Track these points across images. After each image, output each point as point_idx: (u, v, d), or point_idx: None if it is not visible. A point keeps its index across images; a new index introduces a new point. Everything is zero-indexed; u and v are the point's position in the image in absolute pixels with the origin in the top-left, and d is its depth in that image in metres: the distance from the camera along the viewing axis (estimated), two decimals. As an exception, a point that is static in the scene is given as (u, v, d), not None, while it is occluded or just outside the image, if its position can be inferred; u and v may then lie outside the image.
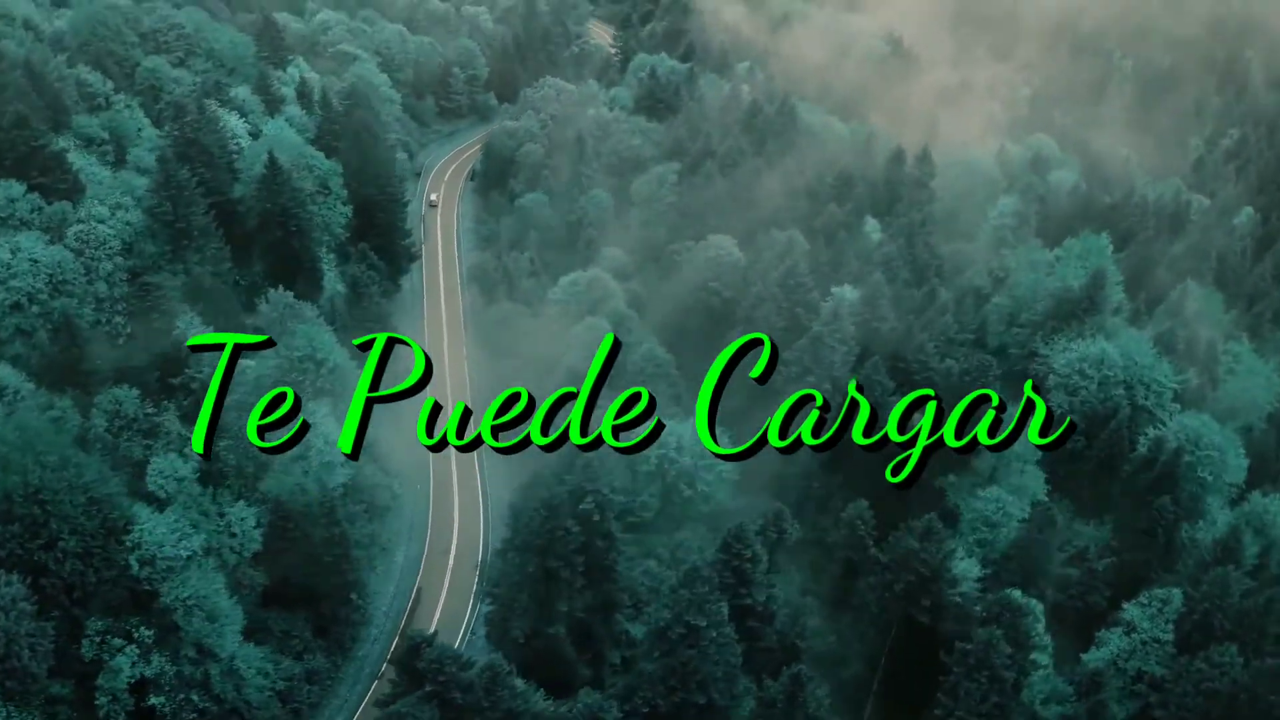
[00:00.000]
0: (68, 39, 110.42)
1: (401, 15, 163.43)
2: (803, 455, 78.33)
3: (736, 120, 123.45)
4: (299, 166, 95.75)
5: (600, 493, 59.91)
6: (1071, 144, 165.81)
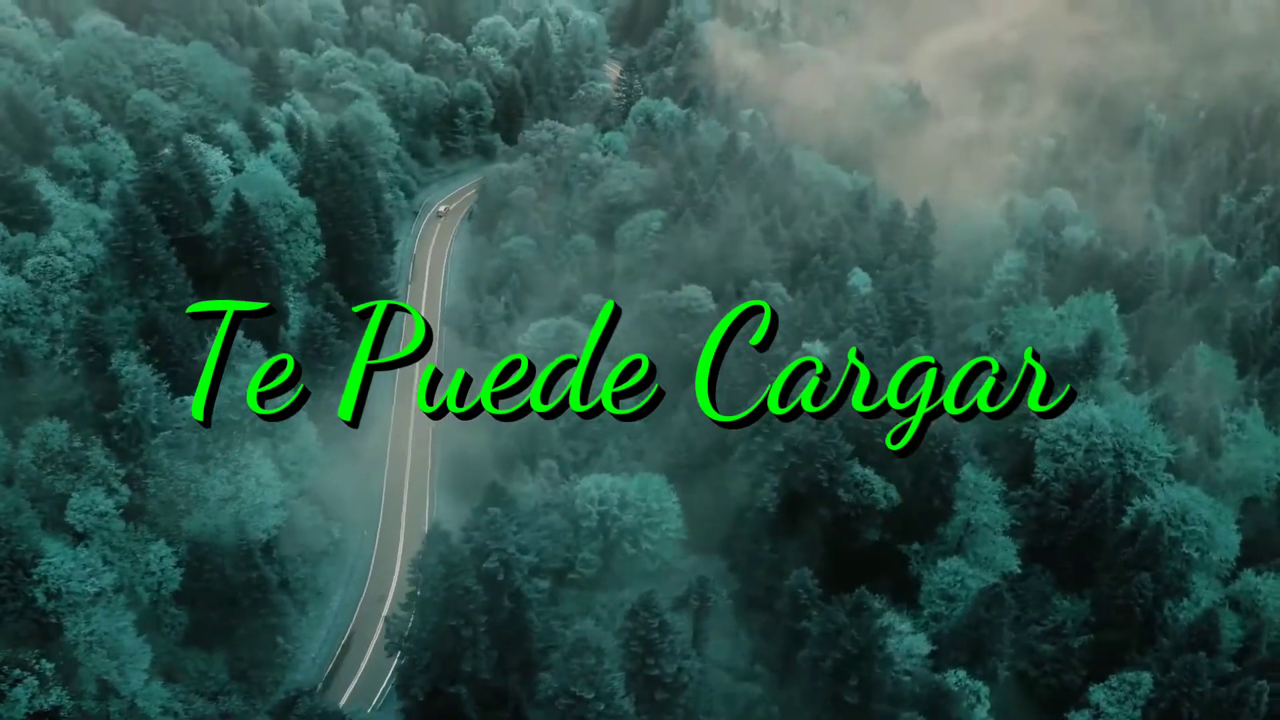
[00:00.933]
0: (63, 71, 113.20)
1: (413, 55, 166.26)
2: (753, 516, 76.54)
3: (732, 168, 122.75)
4: (270, 204, 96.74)
5: (505, 550, 58.61)
6: (1093, 199, 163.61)
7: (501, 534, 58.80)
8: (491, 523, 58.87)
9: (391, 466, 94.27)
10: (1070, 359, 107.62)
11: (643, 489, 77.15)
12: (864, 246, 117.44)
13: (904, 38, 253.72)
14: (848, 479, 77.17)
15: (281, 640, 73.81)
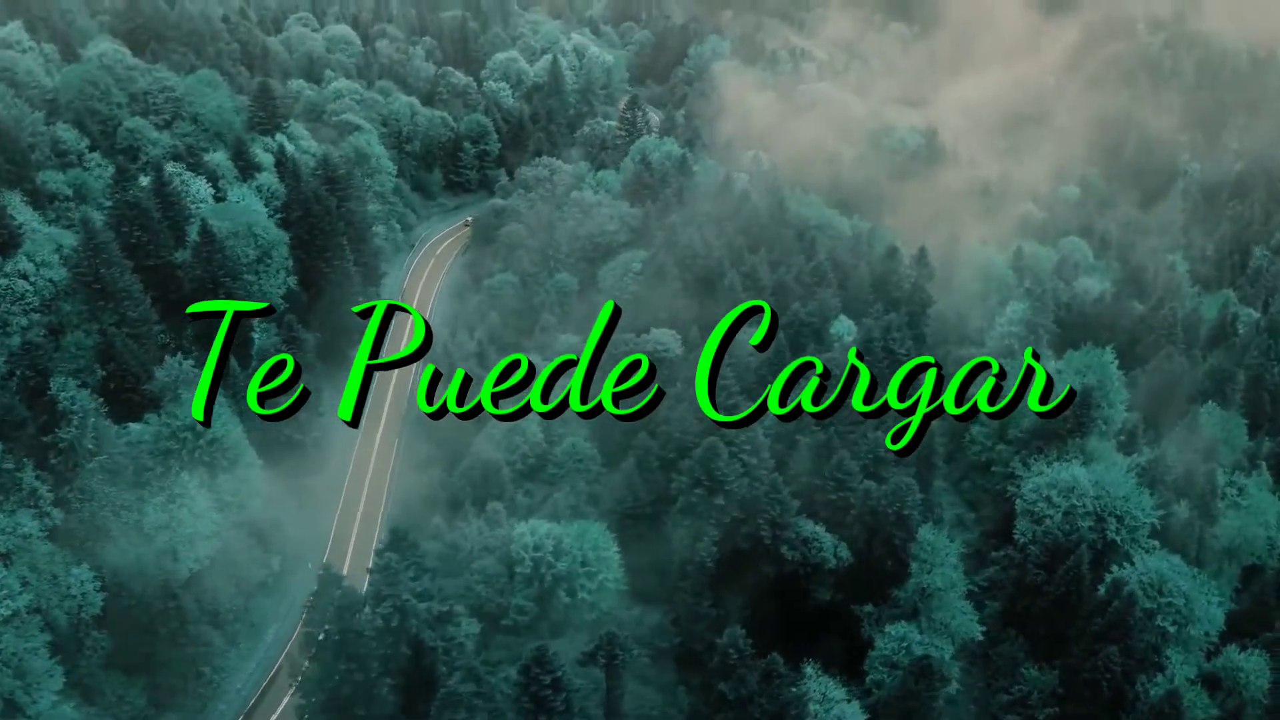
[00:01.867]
0: (60, 96, 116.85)
1: (424, 88, 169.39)
2: (692, 570, 75.56)
3: (723, 209, 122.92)
4: (241, 235, 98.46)
5: (399, 596, 58.27)
6: (1113, 249, 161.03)
7: (396, 580, 58.51)
8: (386, 567, 58.62)
9: (346, 503, 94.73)
10: (1061, 415, 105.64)
11: (580, 537, 76.73)
12: (854, 293, 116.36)
13: (937, 82, 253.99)
14: (793, 536, 75.85)
15: (207, 670, 74.16)
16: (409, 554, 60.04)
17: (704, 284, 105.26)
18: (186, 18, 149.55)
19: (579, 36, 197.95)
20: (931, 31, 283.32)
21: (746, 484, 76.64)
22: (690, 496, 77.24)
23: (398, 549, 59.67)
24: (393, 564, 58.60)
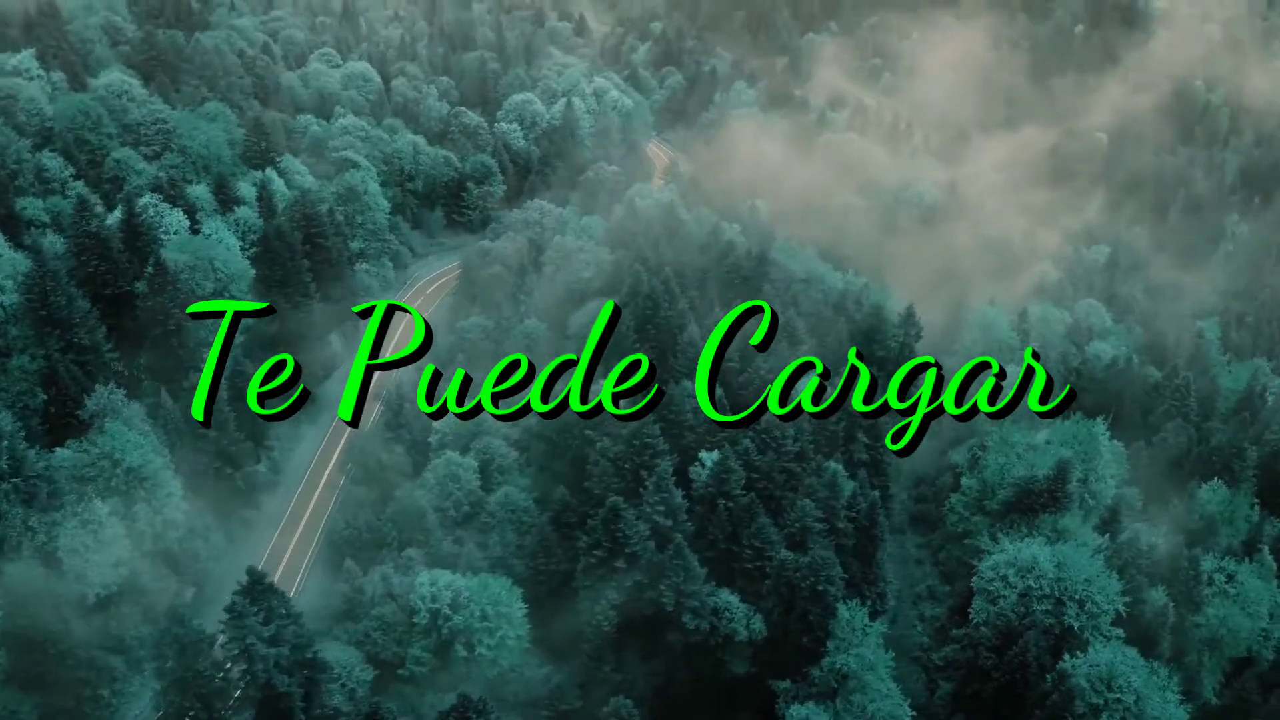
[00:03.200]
0: (55, 125, 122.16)
1: (435, 127, 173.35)
2: (592, 633, 74.95)
3: (707, 260, 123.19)
4: (201, 268, 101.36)
5: (244, 640, 58.85)
6: (1138, 312, 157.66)
7: (242, 624, 59.11)
8: (236, 611, 59.30)
9: (278, 540, 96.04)
10: (1037, 489, 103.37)
11: (482, 590, 76.73)
12: (831, 349, 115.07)
13: (985, 134, 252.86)
14: (698, 605, 74.69)
15: (106, 693, 75.38)
16: (265, 598, 60.57)
17: (664, 335, 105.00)
18: (200, 51, 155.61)
19: (602, 80, 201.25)
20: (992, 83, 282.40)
21: (651, 547, 75.77)
22: (590, 558, 76.70)
23: (251, 593, 60.28)
24: (241, 608, 59.21)
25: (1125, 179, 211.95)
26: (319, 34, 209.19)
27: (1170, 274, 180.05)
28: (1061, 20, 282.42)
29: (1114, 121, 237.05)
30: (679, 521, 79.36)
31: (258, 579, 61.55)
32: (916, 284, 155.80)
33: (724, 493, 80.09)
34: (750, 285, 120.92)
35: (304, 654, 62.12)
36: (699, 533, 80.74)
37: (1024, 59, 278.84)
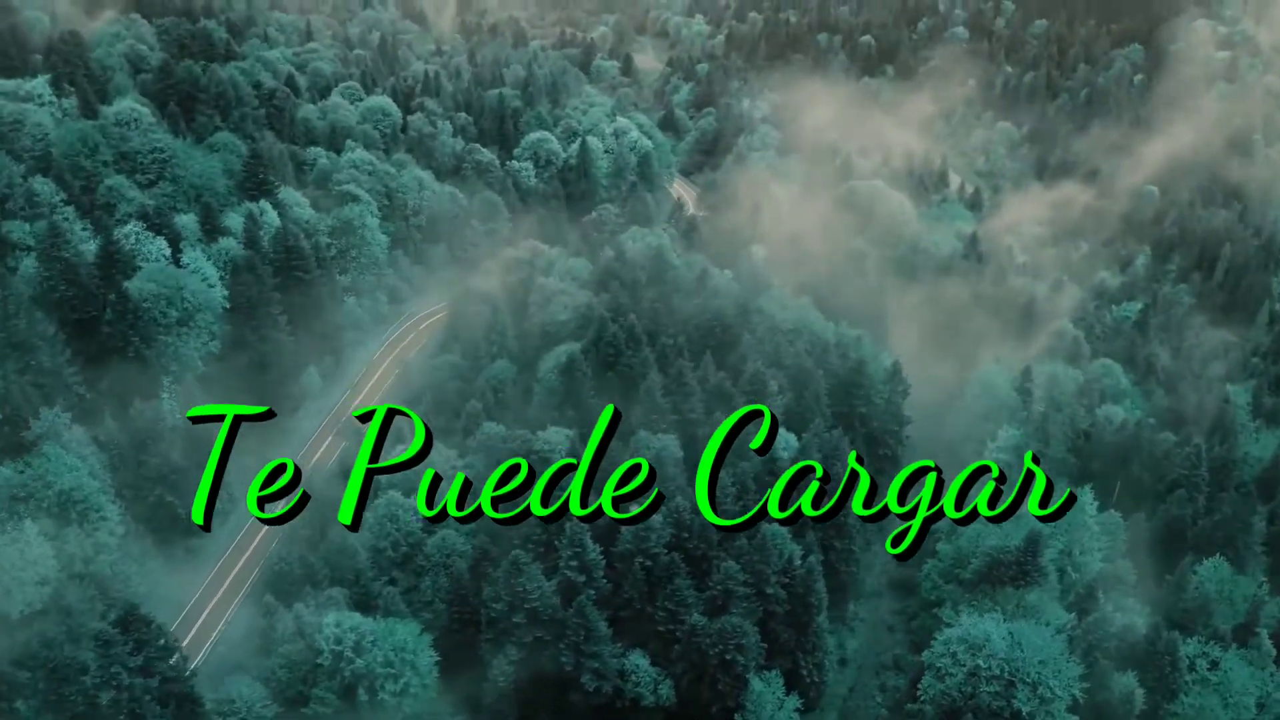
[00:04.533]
0: (54, 150, 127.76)
1: (449, 163, 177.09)
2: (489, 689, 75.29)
3: (691, 307, 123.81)
4: (170, 297, 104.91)
5: (109, 669, 60.30)
6: (1160, 374, 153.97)
7: (109, 653, 60.68)
8: (98, 636, 60.95)
9: (223, 565, 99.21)
10: (1007, 559, 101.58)
11: (388, 635, 77.56)
12: (808, 405, 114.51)
13: (1025, 184, 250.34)
14: (599, 666, 74.48)
15: (21, 707, 77.31)
16: (137, 629, 62.14)
17: (625, 383, 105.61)
18: (215, 81, 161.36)
19: (624, 120, 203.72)
20: (1042, 132, 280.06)
21: (555, 604, 75.84)
22: (492, 610, 77.04)
23: (123, 624, 61.93)
24: (109, 637, 60.84)
25: (1171, 234, 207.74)
26: (349, 67, 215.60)
27: (1208, 334, 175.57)
28: (1122, 70, 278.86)
29: (1165, 174, 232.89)
30: (593, 578, 79.31)
31: (131, 610, 63.13)
32: (923, 338, 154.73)
33: (643, 550, 79.91)
34: (731, 334, 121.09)
35: (181, 686, 63.38)
36: (615, 591, 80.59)
37: (1080, 108, 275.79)
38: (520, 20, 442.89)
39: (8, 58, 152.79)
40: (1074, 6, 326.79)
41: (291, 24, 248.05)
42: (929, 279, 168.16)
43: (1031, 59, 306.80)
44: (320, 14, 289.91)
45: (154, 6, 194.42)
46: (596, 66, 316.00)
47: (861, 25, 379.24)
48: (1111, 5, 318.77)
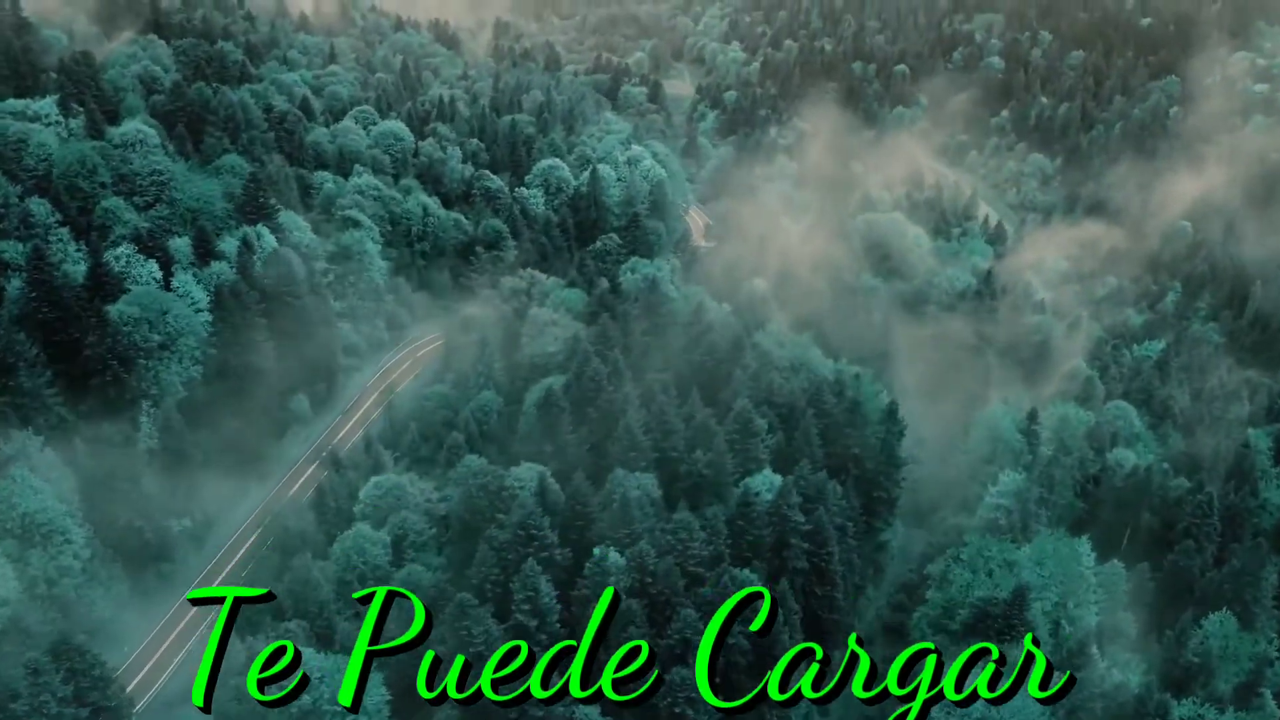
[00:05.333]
0: (53, 171, 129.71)
1: (457, 189, 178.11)
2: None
3: (687, 341, 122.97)
4: (150, 321, 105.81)
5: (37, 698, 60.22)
6: (1178, 417, 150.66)
7: (38, 681, 60.62)
8: (27, 664, 60.95)
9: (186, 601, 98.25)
10: (994, 612, 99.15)
11: (336, 671, 76.88)
12: (799, 448, 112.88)
13: (1055, 217, 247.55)
14: (542, 714, 73.25)
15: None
16: (70, 658, 62.07)
17: (606, 419, 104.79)
18: (225, 104, 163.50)
19: (639, 148, 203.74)
20: (1075, 164, 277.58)
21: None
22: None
23: (53, 651, 61.90)
24: (38, 665, 60.82)
25: (1202, 270, 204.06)
26: (368, 90, 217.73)
27: (1234, 375, 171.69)
28: (1158, 103, 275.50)
29: (1199, 209, 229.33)
30: (545, 623, 78.19)
31: (64, 638, 63.12)
32: (932, 376, 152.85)
33: (599, 596, 78.73)
34: (723, 370, 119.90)
35: (113, 718, 63.19)
36: (570, 636, 79.46)
37: (1114, 140, 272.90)
38: (557, 45, 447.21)
39: (20, 76, 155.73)
40: (1111, 38, 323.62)
41: (316, 46, 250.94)
42: (941, 315, 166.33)
43: (1066, 90, 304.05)
44: (349, 37, 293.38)
45: (173, 28, 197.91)
46: (625, 93, 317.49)
47: (896, 55, 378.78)
48: (1149, 36, 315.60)
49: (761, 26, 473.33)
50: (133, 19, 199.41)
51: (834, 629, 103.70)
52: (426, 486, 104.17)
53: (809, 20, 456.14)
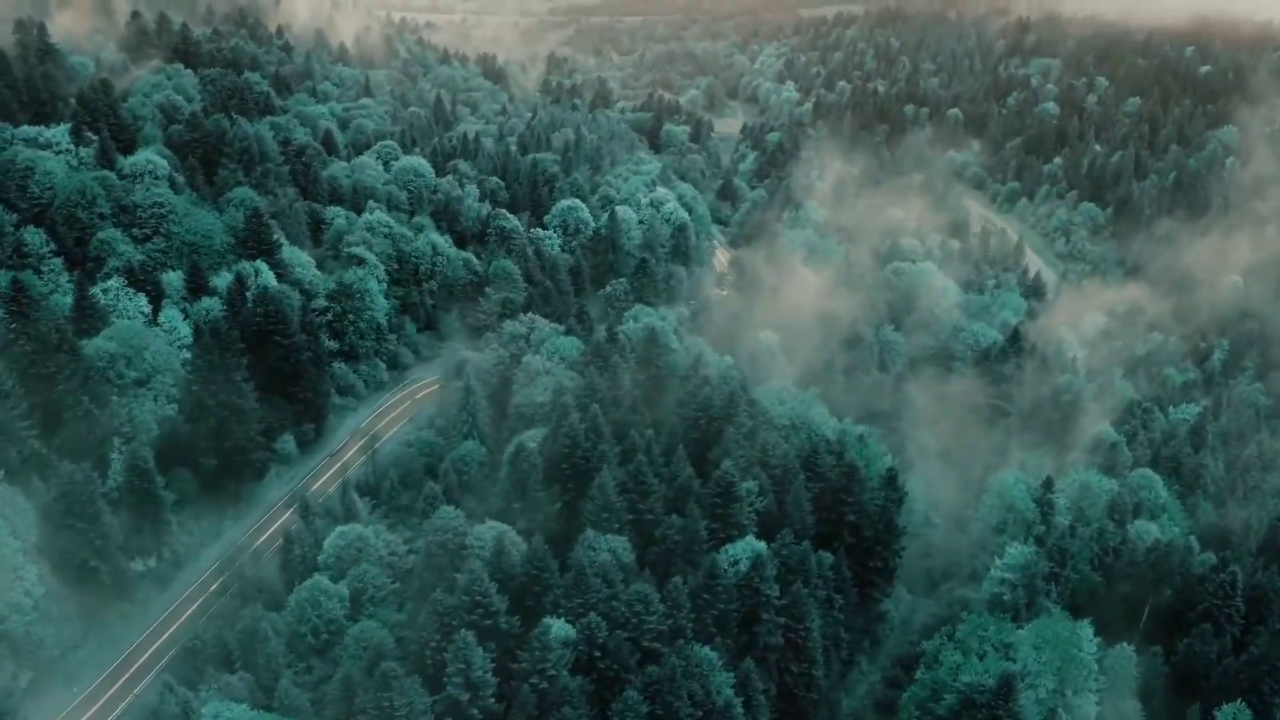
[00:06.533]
0: (54, 201, 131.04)
1: (473, 227, 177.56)
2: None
3: (682, 396, 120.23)
4: (126, 357, 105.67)
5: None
6: (1208, 487, 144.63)
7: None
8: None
9: (150, 635, 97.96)
10: (981, 700, 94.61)
11: (264, 733, 74.85)
12: (792, 514, 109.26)
13: (1102, 270, 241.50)
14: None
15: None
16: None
17: (581, 477, 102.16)
18: (240, 136, 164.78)
19: (664, 190, 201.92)
20: (1127, 214, 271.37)
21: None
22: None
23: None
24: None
25: (1251, 329, 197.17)
26: (398, 124, 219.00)
27: (1276, 443, 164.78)
28: (1214, 153, 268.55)
29: (1253, 264, 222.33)
30: (478, 697, 75.24)
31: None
32: (950, 436, 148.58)
33: (539, 670, 75.72)
34: (715, 427, 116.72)
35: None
36: (506, 713, 76.44)
37: (1168, 190, 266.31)
38: (610, 81, 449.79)
39: (38, 103, 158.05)
40: (1168, 85, 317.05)
41: (351, 79, 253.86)
42: (965, 372, 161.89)
43: (1121, 138, 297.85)
44: (391, 69, 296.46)
45: (202, 57, 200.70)
46: (667, 131, 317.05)
47: (950, 98, 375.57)
48: (1207, 85, 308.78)
49: (816, 67, 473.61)
50: (161, 47, 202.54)
51: (811, 708, 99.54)
52: (394, 538, 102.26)
53: (863, 62, 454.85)
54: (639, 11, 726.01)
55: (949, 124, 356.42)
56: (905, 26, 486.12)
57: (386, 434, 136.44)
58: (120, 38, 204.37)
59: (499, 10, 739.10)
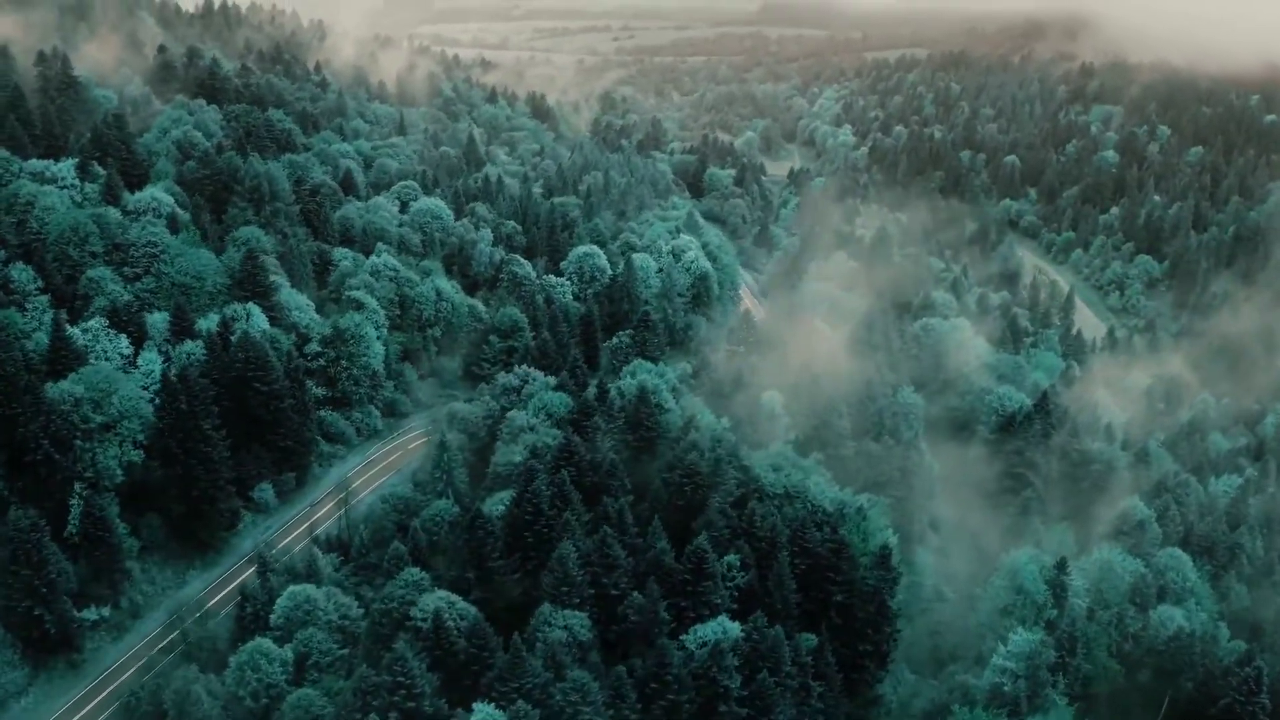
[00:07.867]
0: (47, 238, 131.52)
1: (486, 272, 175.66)
2: None
3: (670, 460, 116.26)
4: (93, 401, 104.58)
5: None
6: (1245, 568, 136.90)
7: None
8: None
9: (95, 688, 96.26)
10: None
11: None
12: (773, 593, 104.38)
13: (1155, 325, 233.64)
14: None
15: None
16: None
17: (541, 546, 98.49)
18: (251, 175, 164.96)
19: (687, 238, 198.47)
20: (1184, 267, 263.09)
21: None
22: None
23: None
24: None
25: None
26: (425, 164, 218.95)
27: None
28: (1277, 204, 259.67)
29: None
30: None
31: None
32: (968, 507, 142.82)
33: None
34: (700, 495, 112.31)
35: None
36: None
37: (1227, 243, 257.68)
38: (665, 121, 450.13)
39: (51, 136, 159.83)
40: (1232, 134, 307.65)
41: (387, 116, 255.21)
42: (987, 437, 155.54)
43: (1181, 189, 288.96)
44: (432, 107, 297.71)
45: (227, 93, 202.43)
46: (710, 175, 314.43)
47: (1007, 145, 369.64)
48: (1272, 135, 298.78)
49: (875, 110, 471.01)
50: (188, 82, 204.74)
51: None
52: (348, 600, 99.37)
53: (922, 106, 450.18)
54: (705, 52, 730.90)
55: (1005, 171, 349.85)
56: (968, 71, 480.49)
57: (371, 485, 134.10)
58: (146, 71, 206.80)
59: (566, 49, 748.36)
